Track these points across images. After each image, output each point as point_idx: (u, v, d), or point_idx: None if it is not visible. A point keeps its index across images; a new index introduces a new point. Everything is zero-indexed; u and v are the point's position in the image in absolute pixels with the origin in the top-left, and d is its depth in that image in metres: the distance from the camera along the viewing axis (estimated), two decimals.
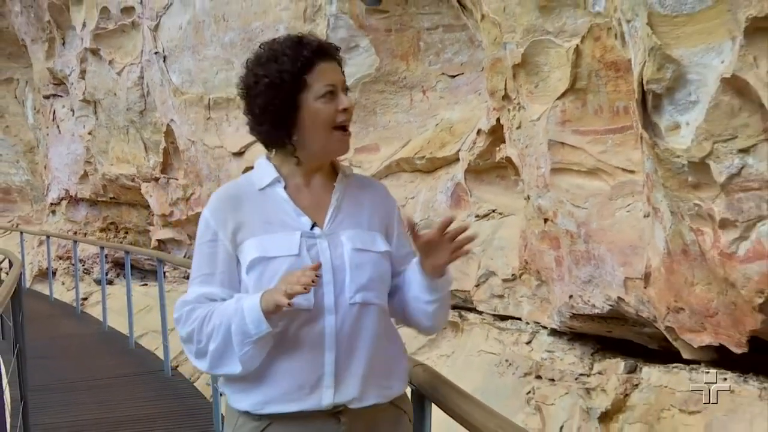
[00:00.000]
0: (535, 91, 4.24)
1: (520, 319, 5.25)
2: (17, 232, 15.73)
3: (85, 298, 12.48)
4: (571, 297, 4.34)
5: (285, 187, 2.02)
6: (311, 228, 1.97)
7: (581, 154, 4.01)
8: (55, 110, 13.97)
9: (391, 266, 2.08)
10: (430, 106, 6.42)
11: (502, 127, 4.86)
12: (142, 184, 11.30)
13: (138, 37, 10.30)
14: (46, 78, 13.85)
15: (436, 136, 6.23)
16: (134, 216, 13.13)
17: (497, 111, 4.90)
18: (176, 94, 9.19)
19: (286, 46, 1.96)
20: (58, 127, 13.88)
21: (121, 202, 13.05)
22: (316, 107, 1.95)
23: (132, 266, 9.79)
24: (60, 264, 14.31)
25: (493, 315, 5.52)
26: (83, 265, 13.24)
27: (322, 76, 1.95)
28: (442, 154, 6.12)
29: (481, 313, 5.64)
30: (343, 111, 1.98)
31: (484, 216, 5.57)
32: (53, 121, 14.07)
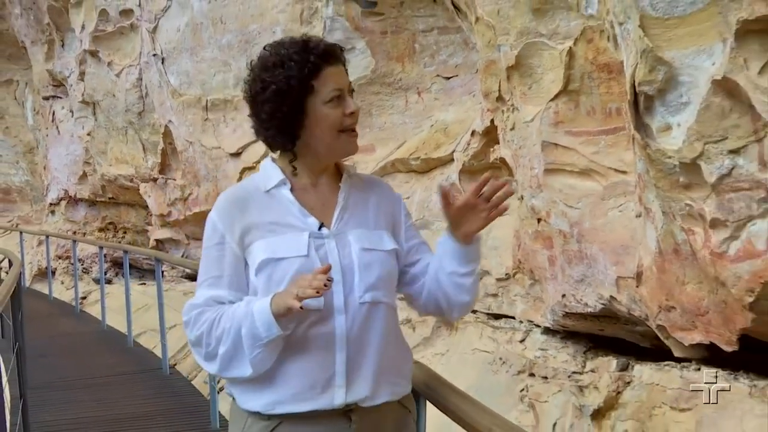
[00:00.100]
0: (529, 93, 4.22)
1: (513, 318, 5.25)
2: (17, 232, 15.69)
3: (84, 297, 12.47)
4: (564, 296, 4.34)
5: (291, 189, 2.00)
6: (319, 228, 1.96)
7: (574, 155, 3.99)
8: (54, 111, 13.94)
9: (402, 259, 2.08)
10: (425, 108, 6.41)
11: (496, 128, 4.84)
12: (141, 184, 11.29)
13: (136, 40, 10.29)
14: (46, 79, 13.81)
15: (431, 137, 6.23)
16: (133, 216, 13.12)
17: (491, 112, 4.90)
18: (174, 95, 9.18)
19: (293, 51, 1.93)
20: (58, 128, 13.85)
21: (119, 203, 13.04)
22: (324, 112, 1.94)
23: (130, 266, 9.83)
24: (59, 263, 14.28)
25: (487, 314, 5.52)
26: (82, 265, 13.23)
27: (329, 81, 1.94)
28: (436, 154, 6.13)
29: (475, 311, 5.62)
30: (350, 115, 1.98)
31: None
32: (53, 122, 14.04)
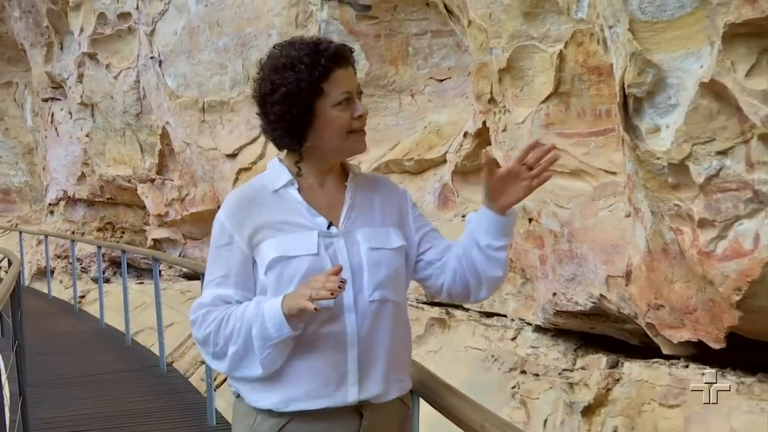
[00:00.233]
0: (520, 95, 4.24)
1: (505, 316, 5.26)
2: (16, 232, 15.67)
3: (83, 296, 12.47)
4: (554, 294, 4.36)
5: (299, 189, 2.00)
6: (328, 228, 1.96)
7: (565, 156, 3.97)
8: (53, 113, 13.95)
9: (415, 249, 2.08)
10: (419, 110, 6.44)
11: (488, 129, 4.85)
12: (138, 185, 11.32)
13: (134, 42, 10.32)
14: (45, 82, 13.83)
15: (424, 138, 6.26)
16: (130, 216, 13.16)
17: (483, 114, 4.91)
18: (171, 97, 9.21)
19: (304, 53, 1.92)
20: (57, 129, 13.86)
21: (117, 203, 13.07)
22: (333, 115, 1.93)
23: (128, 265, 9.83)
24: (58, 263, 14.29)
25: (480, 312, 5.51)
26: (81, 264, 13.25)
27: (339, 84, 1.93)
28: (429, 155, 6.15)
29: (467, 310, 5.63)
30: (358, 118, 1.97)
31: None
32: (51, 123, 14.05)
